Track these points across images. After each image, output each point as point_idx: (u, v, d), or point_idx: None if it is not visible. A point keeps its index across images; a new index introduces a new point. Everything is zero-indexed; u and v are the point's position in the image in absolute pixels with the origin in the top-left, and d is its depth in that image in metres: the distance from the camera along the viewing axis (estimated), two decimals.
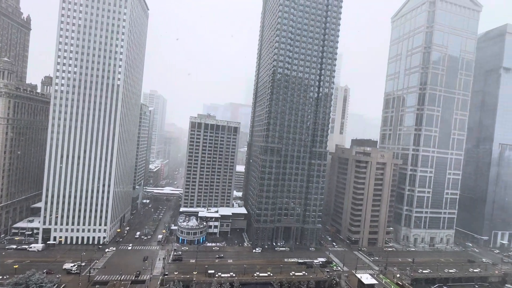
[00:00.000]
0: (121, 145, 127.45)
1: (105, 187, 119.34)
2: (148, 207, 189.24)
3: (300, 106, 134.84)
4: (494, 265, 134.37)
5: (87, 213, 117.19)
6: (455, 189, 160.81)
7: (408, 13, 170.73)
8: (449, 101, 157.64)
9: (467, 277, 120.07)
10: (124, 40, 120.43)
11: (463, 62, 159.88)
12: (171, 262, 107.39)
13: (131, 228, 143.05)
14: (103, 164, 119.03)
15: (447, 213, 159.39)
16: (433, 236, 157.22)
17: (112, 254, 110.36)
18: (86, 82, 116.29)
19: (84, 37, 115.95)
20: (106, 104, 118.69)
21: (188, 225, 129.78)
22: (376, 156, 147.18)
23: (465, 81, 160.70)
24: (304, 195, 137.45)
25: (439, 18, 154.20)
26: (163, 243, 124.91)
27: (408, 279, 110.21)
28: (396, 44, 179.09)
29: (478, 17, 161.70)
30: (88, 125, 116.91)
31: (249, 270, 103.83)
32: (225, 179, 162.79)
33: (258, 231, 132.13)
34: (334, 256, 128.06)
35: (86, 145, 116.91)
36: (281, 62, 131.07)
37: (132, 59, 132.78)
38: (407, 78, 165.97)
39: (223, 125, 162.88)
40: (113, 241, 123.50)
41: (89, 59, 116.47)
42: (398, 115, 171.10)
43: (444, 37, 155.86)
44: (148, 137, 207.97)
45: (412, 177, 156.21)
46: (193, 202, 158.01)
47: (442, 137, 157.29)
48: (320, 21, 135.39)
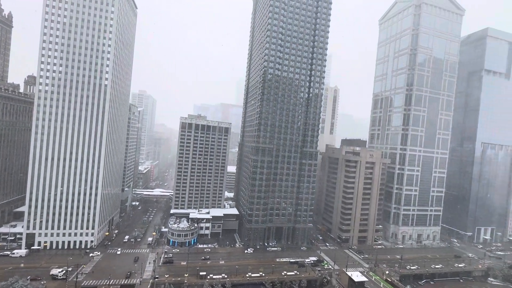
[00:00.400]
0: (109, 146, 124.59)
1: (93, 190, 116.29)
2: (138, 209, 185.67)
3: (290, 106, 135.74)
4: (480, 259, 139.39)
5: (73, 216, 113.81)
6: (440, 187, 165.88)
7: (394, 16, 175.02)
8: (434, 101, 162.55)
9: (452, 272, 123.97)
10: (112, 39, 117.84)
11: (447, 64, 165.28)
12: (161, 265, 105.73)
13: (120, 231, 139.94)
14: (91, 166, 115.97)
15: (433, 211, 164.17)
16: (420, 233, 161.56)
17: (100, 258, 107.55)
18: (72, 81, 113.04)
19: (70, 35, 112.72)
20: (94, 104, 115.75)
21: (178, 227, 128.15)
22: (365, 155, 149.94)
23: (449, 82, 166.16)
24: (295, 195, 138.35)
25: (424, 21, 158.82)
26: (153, 246, 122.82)
27: (397, 276, 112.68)
28: (383, 46, 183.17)
29: (461, 20, 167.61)
30: (74, 126, 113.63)
31: (241, 271, 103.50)
32: (216, 180, 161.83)
33: (249, 232, 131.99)
34: (325, 255, 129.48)
35: (72, 147, 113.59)
36: (272, 62, 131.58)
37: (120, 58, 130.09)
38: (395, 79, 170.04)
39: (214, 125, 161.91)
40: (101, 245, 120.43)
41: (75, 58, 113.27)
42: (386, 115, 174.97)
43: (429, 40, 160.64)
44: (137, 138, 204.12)
45: (400, 176, 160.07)
46: (184, 204, 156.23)
47: (428, 137, 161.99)
48: (310, 22, 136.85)
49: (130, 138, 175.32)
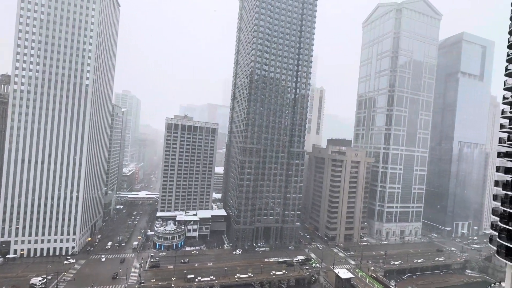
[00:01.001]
0: (91, 148, 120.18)
1: (74, 194, 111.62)
2: (122, 213, 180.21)
3: (277, 107, 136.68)
4: (462, 252, 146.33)
5: (53, 222, 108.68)
6: (421, 185, 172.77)
7: (377, 19, 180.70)
8: (414, 102, 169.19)
9: (433, 265, 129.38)
10: (93, 37, 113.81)
11: (426, 66, 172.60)
12: (147, 269, 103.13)
13: (103, 236, 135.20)
14: (71, 169, 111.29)
15: (415, 207, 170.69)
16: (403, 229, 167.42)
17: (82, 264, 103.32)
18: (51, 81, 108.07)
19: (48, 32, 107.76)
20: (74, 104, 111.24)
21: (165, 230, 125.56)
22: (350, 155, 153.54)
23: (429, 84, 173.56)
24: (283, 195, 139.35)
25: (404, 24, 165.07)
26: (138, 250, 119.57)
27: (382, 271, 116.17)
28: (367, 48, 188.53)
29: (438, 25, 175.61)
30: (53, 127, 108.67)
31: (229, 272, 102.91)
32: (203, 181, 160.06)
33: (238, 233, 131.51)
34: (313, 253, 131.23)
35: (51, 149, 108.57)
36: (259, 63, 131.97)
37: (102, 57, 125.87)
38: (378, 81, 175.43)
39: (200, 126, 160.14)
40: (83, 250, 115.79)
41: (53, 56, 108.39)
42: (370, 115, 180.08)
43: (409, 43, 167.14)
44: (121, 140, 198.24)
45: (384, 174, 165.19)
46: (171, 206, 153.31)
47: (409, 136, 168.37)
48: (296, 24, 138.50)
49: (114, 139, 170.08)
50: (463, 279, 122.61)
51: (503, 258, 46.38)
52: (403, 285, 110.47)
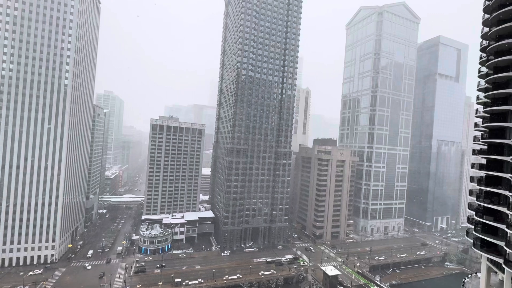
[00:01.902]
0: (71, 151, 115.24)
1: (53, 199, 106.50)
2: (105, 217, 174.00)
3: (264, 107, 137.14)
4: (447, 245, 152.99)
5: (30, 229, 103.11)
6: (403, 182, 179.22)
7: (360, 22, 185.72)
8: (396, 102, 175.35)
9: (415, 259, 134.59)
10: (72, 35, 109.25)
11: (407, 68, 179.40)
12: (133, 274, 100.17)
13: (85, 242, 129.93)
14: (49, 173, 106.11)
15: (397, 204, 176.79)
16: (386, 225, 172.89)
17: (63, 273, 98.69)
18: (26, 81, 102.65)
19: (22, 29, 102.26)
20: (52, 105, 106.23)
21: (151, 233, 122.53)
22: (336, 154, 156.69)
23: (409, 85, 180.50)
24: (271, 195, 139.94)
25: (386, 27, 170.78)
26: (123, 256, 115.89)
27: (367, 267, 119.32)
28: (350, 50, 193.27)
29: (417, 28, 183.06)
30: (29, 130, 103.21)
31: (218, 274, 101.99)
32: (190, 182, 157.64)
33: (226, 234, 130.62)
34: (300, 252, 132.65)
35: (28, 152, 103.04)
36: (245, 64, 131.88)
37: (82, 56, 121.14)
38: (361, 82, 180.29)
39: (186, 127, 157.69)
40: (64, 258, 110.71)
41: (28, 55, 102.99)
42: (354, 115, 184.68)
43: (390, 45, 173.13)
44: (103, 141, 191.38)
45: (368, 173, 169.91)
46: (157, 209, 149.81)
47: (392, 135, 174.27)
48: (281, 25, 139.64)
49: (95, 141, 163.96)
50: (442, 271, 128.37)
51: (479, 249, 48.92)
52: (387, 279, 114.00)
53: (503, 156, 46.95)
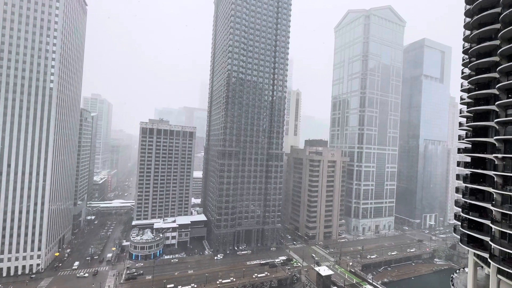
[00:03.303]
0: (57, 156, 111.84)
1: (38, 206, 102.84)
2: (94, 224, 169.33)
3: (255, 109, 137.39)
4: (444, 241, 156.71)
5: (13, 238, 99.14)
6: (393, 181, 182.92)
7: (348, 24, 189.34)
8: (384, 103, 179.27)
9: (405, 257, 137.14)
10: (58, 38, 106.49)
11: (394, 69, 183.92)
12: (123, 282, 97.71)
13: (73, 249, 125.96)
14: (34, 179, 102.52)
15: (387, 203, 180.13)
16: (377, 224, 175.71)
17: (49, 283, 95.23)
18: (9, 84, 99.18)
19: (4, 32, 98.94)
20: (36, 109, 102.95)
21: (142, 239, 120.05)
22: (327, 155, 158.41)
23: (396, 86, 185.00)
24: (263, 197, 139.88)
25: (373, 30, 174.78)
26: (113, 263, 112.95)
27: (359, 266, 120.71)
28: (339, 52, 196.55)
29: (403, 31, 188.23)
30: (12, 135, 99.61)
31: (211, 278, 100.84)
32: (182, 186, 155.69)
33: (219, 237, 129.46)
34: (294, 253, 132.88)
35: (11, 158, 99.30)
36: (236, 66, 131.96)
37: (68, 59, 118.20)
38: (350, 83, 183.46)
39: (177, 130, 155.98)
40: (51, 267, 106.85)
41: (11, 57, 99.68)
42: (344, 116, 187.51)
43: (378, 47, 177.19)
44: (91, 146, 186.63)
45: (358, 173, 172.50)
46: (148, 214, 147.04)
47: (381, 135, 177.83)
48: (271, 27, 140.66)
49: (83, 146, 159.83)
50: (432, 268, 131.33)
51: (466, 245, 50.34)
52: (379, 278, 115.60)
53: (487, 154, 48.63)
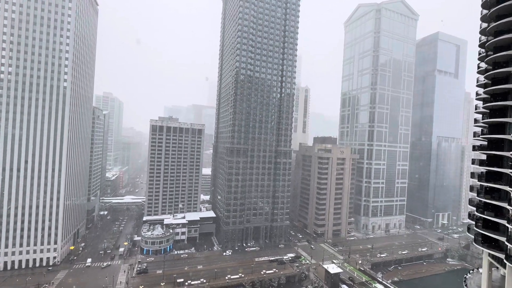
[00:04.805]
0: (71, 153, 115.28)
1: (54, 201, 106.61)
2: (107, 219, 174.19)
3: (264, 106, 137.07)
4: (443, 241, 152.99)
5: (31, 232, 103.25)
6: (404, 179, 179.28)
7: (358, 19, 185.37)
8: (395, 99, 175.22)
9: (417, 256, 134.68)
10: (70, 37, 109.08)
11: (406, 64, 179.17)
12: (135, 275, 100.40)
13: (87, 243, 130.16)
14: (50, 176, 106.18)
15: (398, 201, 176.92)
16: (387, 222, 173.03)
17: (65, 275, 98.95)
18: (25, 84, 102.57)
19: (20, 32, 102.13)
20: (51, 108, 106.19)
21: (152, 234, 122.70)
22: (336, 152, 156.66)
23: (408, 81, 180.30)
24: (272, 194, 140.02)
25: (384, 24, 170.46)
26: (125, 257, 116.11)
27: (369, 264, 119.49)
28: (349, 47, 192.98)
29: (415, 24, 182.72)
30: (29, 132, 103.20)
31: (220, 274, 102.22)
32: (191, 183, 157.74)
33: (227, 234, 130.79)
34: (302, 250, 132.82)
35: (28, 155, 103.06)
36: (244, 63, 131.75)
37: (81, 58, 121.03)
38: (360, 79, 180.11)
39: (186, 127, 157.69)
40: (66, 260, 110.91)
41: (27, 57, 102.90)
42: (353, 113, 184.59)
43: (389, 42, 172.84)
44: (103, 143, 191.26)
45: (368, 170, 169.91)
46: (158, 210, 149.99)
47: (392, 133, 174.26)
48: (279, 23, 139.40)
49: (95, 143, 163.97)
50: (444, 268, 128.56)
51: (480, 245, 48.94)
52: (389, 276, 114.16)
53: (503, 151, 46.92)
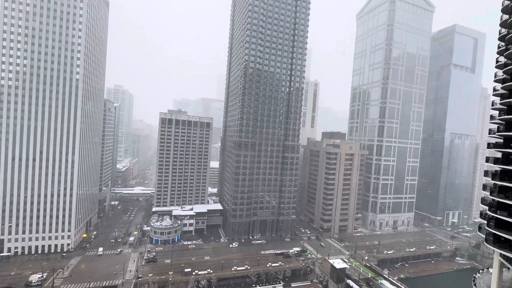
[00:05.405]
0: (84, 144, 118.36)
1: (67, 190, 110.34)
2: (117, 209, 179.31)
3: (272, 100, 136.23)
4: (453, 240, 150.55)
5: (47, 219, 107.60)
6: (414, 176, 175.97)
7: (371, 11, 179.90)
8: (408, 95, 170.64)
9: (425, 254, 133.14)
10: (82, 30, 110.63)
11: (420, 58, 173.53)
12: (144, 264, 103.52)
13: (98, 232, 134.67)
14: (64, 166, 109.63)
15: (407, 198, 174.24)
16: (395, 219, 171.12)
17: (78, 261, 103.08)
18: (39, 76, 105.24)
19: (34, 25, 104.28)
20: (64, 100, 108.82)
21: (161, 225, 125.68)
22: (345, 148, 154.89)
23: (422, 76, 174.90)
24: (279, 188, 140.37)
25: (398, 16, 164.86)
26: (135, 246, 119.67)
27: (375, 261, 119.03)
28: (361, 40, 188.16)
29: (431, 16, 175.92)
30: (44, 124, 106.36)
31: (226, 265, 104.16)
32: (199, 175, 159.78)
33: (234, 226, 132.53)
34: (308, 245, 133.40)
35: (42, 146, 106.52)
36: (253, 57, 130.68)
37: (92, 51, 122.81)
38: (371, 73, 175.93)
39: (195, 120, 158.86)
40: (79, 247, 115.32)
41: (41, 50, 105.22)
42: (364, 108, 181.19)
43: (403, 35, 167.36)
44: (114, 135, 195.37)
45: (377, 166, 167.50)
46: (166, 201, 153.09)
47: (402, 128, 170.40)
48: (290, 16, 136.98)
49: (107, 135, 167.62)
50: (453, 266, 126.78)
51: (491, 245, 47.95)
52: (395, 273, 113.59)
53: None
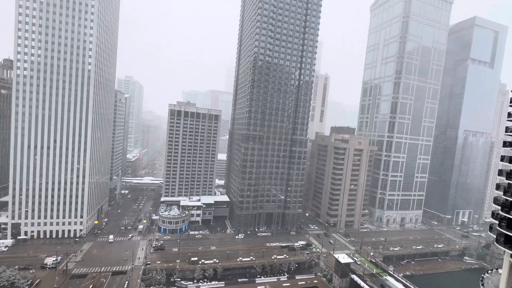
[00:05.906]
0: (96, 134, 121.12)
1: (80, 178, 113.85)
2: (127, 198, 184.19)
3: (281, 93, 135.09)
4: (462, 239, 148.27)
5: (60, 205, 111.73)
6: (424, 173, 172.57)
7: (386, 2, 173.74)
8: (421, 90, 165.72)
9: (432, 252, 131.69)
10: (94, 21, 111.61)
11: (435, 52, 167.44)
12: (153, 251, 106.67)
13: (109, 219, 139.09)
14: (76, 154, 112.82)
15: (416, 195, 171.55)
16: (403, 216, 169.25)
17: (90, 246, 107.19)
18: (53, 66, 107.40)
19: (48, 16, 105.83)
20: (77, 90, 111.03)
21: (169, 214, 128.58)
22: (353, 143, 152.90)
23: (436, 71, 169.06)
24: (285, 182, 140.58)
25: (415, 8, 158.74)
26: (144, 233, 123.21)
27: (381, 257, 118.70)
28: (374, 33, 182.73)
29: (450, 8, 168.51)
30: (57, 113, 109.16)
31: (232, 255, 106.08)
32: (206, 167, 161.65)
33: (240, 218, 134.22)
34: (313, 239, 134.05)
35: (56, 134, 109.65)
36: (262, 49, 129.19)
37: (104, 41, 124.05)
38: (384, 67, 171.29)
39: (203, 112, 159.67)
40: (91, 233, 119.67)
41: (54, 41, 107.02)
42: (375, 103, 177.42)
43: (419, 28, 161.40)
44: (124, 125, 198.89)
45: (386, 163, 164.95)
46: (174, 191, 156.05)
47: (414, 124, 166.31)
48: (301, 7, 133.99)
49: (117, 125, 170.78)
50: (460, 266, 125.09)
51: (502, 245, 47.02)
52: (401, 270, 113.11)
53: None
